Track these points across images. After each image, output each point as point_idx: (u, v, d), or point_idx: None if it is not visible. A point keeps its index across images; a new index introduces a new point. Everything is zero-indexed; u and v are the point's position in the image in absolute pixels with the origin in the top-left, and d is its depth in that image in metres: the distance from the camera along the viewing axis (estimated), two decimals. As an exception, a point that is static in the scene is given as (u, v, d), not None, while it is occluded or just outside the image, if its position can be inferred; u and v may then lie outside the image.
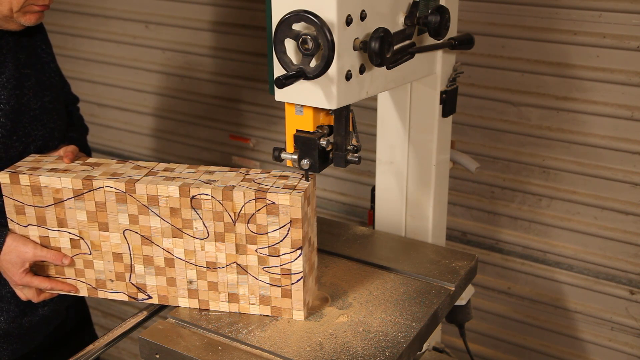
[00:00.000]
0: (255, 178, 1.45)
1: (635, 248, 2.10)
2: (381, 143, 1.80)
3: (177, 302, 1.52)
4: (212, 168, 1.51)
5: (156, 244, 1.47)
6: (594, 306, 2.22)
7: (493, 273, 2.36)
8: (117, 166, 1.53)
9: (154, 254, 1.49)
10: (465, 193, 2.33)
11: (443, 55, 1.64)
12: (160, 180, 1.45)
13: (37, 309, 1.77)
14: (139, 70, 2.94)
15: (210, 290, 1.49)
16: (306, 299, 1.44)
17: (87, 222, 1.49)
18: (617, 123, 2.01)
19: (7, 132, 1.61)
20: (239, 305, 1.48)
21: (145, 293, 1.54)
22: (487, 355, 2.47)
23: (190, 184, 1.42)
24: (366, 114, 2.27)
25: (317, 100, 1.29)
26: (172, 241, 1.46)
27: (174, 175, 1.47)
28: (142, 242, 1.48)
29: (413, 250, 1.73)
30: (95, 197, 1.46)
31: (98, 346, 1.47)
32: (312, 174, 1.43)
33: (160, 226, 1.46)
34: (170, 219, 1.44)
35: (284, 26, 1.23)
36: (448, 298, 1.55)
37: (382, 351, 1.34)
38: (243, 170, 1.49)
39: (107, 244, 1.50)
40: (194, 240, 1.45)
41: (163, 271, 1.50)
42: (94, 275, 1.55)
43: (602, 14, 1.94)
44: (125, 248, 1.50)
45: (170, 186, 1.42)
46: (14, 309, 1.72)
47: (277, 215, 1.37)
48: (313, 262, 1.49)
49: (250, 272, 1.45)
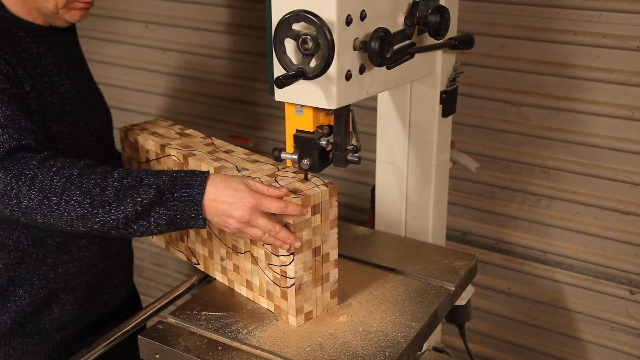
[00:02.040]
0: (280, 175, 1.46)
1: (635, 248, 2.10)
2: (381, 143, 1.80)
3: (214, 274, 1.62)
4: (260, 158, 1.57)
5: None
6: (594, 306, 2.22)
7: (493, 273, 2.36)
8: (196, 140, 1.68)
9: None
10: (465, 193, 2.33)
11: (443, 55, 1.64)
12: (208, 158, 1.54)
13: (101, 295, 1.75)
14: (139, 70, 2.94)
15: (234, 272, 1.55)
16: (303, 306, 1.42)
17: None
18: (617, 123, 2.01)
19: (74, 119, 1.62)
20: (253, 293, 1.51)
21: (196, 258, 1.66)
22: (487, 355, 2.47)
23: (224, 167, 1.49)
24: (366, 114, 2.27)
25: (317, 100, 1.29)
26: None
27: (225, 157, 1.56)
28: None
29: (413, 250, 1.73)
30: (167, 162, 1.62)
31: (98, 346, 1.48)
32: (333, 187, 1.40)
33: None
34: None
35: (284, 26, 1.23)
36: (448, 298, 1.55)
37: (382, 351, 1.34)
38: (281, 165, 1.52)
39: None
40: None
41: (206, 242, 1.60)
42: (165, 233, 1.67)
43: (602, 14, 1.94)
44: None
45: (209, 165, 1.50)
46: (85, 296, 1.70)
47: (277, 216, 1.37)
48: (325, 274, 1.44)
49: (260, 264, 1.46)
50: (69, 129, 1.60)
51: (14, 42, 1.53)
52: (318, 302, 1.45)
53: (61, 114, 1.58)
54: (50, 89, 1.57)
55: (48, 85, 1.57)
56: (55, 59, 1.62)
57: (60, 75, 1.62)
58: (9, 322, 1.60)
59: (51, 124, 1.55)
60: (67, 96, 1.62)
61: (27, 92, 1.50)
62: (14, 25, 1.56)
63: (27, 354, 1.64)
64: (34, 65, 1.55)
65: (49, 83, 1.58)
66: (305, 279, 1.40)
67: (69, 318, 1.68)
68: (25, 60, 1.53)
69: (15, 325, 1.61)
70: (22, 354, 1.63)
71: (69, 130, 1.60)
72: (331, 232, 1.43)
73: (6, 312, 1.60)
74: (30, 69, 1.53)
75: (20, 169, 1.33)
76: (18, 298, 1.59)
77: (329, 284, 1.46)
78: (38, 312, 1.62)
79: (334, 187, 1.40)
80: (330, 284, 1.46)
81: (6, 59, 1.47)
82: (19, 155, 1.36)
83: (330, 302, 1.48)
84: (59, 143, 1.56)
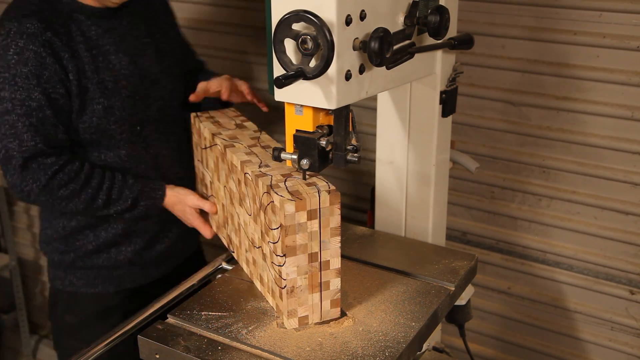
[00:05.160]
0: (292, 176, 1.45)
1: (635, 248, 2.10)
2: (381, 143, 1.80)
3: (242, 264, 1.66)
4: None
5: (235, 206, 1.63)
6: (594, 306, 2.22)
7: (493, 273, 2.36)
8: (247, 132, 1.74)
9: (234, 214, 1.65)
10: (465, 193, 2.33)
11: (443, 55, 1.64)
12: (241, 151, 1.59)
13: (155, 245, 2.02)
14: (139, 70, 2.94)
15: (253, 265, 1.56)
16: (296, 310, 1.40)
17: (213, 169, 1.74)
18: (617, 123, 2.01)
19: (129, 93, 1.85)
20: (264, 289, 1.52)
21: (232, 246, 1.72)
22: (487, 355, 2.47)
23: (250, 162, 1.51)
24: (366, 114, 2.27)
25: (316, 100, 1.29)
26: (239, 209, 1.59)
27: (259, 152, 1.59)
28: (230, 201, 1.66)
29: (413, 250, 1.73)
30: (215, 151, 1.69)
31: (98, 346, 1.48)
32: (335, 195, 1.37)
33: (236, 192, 1.60)
34: (238, 188, 1.57)
35: (284, 26, 1.23)
36: (448, 298, 1.55)
37: (382, 351, 1.34)
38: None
39: (219, 194, 1.74)
40: (246, 214, 1.55)
41: (238, 233, 1.65)
42: (216, 217, 1.80)
43: (602, 14, 1.94)
44: (225, 201, 1.70)
45: (238, 159, 1.55)
46: (140, 242, 1.98)
47: (275, 216, 1.37)
48: (324, 282, 1.41)
49: (266, 261, 1.46)
50: (121, 103, 1.83)
51: (73, 26, 1.77)
52: (315, 309, 1.42)
53: (114, 90, 1.81)
54: (105, 67, 1.80)
55: (103, 65, 1.80)
56: (114, 38, 1.83)
57: (117, 53, 1.83)
58: (72, 256, 1.96)
59: (102, 99, 1.79)
60: (124, 72, 1.84)
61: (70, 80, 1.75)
62: (76, 10, 1.79)
63: (87, 285, 1.99)
64: (89, 46, 1.79)
65: (104, 62, 1.80)
66: (299, 282, 1.38)
67: (124, 259, 1.98)
68: (80, 42, 1.77)
69: (78, 260, 1.96)
70: (83, 284, 1.99)
71: (120, 103, 1.82)
72: (332, 240, 1.39)
73: (73, 249, 1.96)
74: (85, 50, 1.77)
75: (37, 174, 1.73)
76: (84, 238, 1.94)
77: (330, 292, 1.43)
78: (98, 251, 1.95)
79: (337, 194, 1.37)
80: (331, 292, 1.43)
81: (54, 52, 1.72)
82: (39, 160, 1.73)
83: (331, 312, 1.44)
84: (110, 115, 1.81)
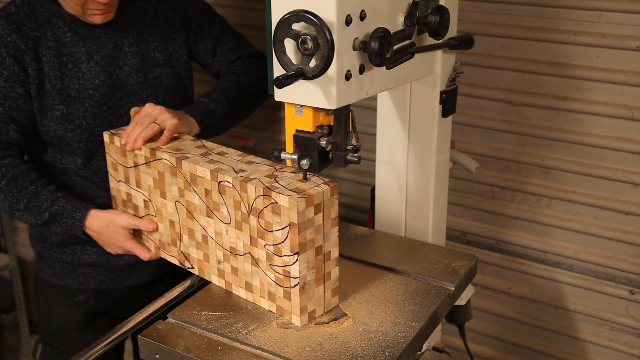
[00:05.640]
0: (279, 175, 1.45)
1: (635, 248, 2.10)
2: (381, 143, 1.80)
3: (210, 277, 1.61)
4: (255, 159, 1.56)
5: (196, 219, 1.58)
6: (594, 306, 2.22)
7: (493, 273, 2.36)
8: (187, 143, 1.68)
9: (195, 228, 1.59)
10: (465, 193, 2.33)
11: (443, 55, 1.64)
12: (202, 161, 1.53)
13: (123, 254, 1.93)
14: (139, 71, 2.94)
15: (233, 274, 1.54)
16: (306, 306, 1.42)
17: (153, 187, 1.66)
18: (617, 123, 2.01)
19: (95, 103, 1.84)
20: (253, 295, 1.51)
21: (190, 262, 1.66)
22: (487, 355, 2.47)
23: (221, 170, 1.48)
24: (366, 114, 2.27)
25: (316, 100, 1.29)
26: (206, 220, 1.55)
27: (219, 159, 1.55)
28: (187, 215, 1.60)
29: (413, 250, 1.73)
30: (158, 166, 1.62)
31: (98, 346, 1.48)
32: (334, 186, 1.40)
33: (198, 204, 1.54)
34: (205, 199, 1.52)
35: (284, 26, 1.23)
36: (448, 298, 1.55)
37: (382, 351, 1.34)
38: (278, 166, 1.51)
39: (166, 211, 1.66)
40: (221, 223, 1.51)
41: (201, 246, 1.60)
42: (158, 237, 1.72)
43: (602, 14, 1.94)
44: (177, 217, 1.63)
45: (205, 168, 1.49)
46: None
47: (280, 216, 1.37)
48: (327, 273, 1.44)
49: (260, 266, 1.46)
50: (83, 112, 1.83)
51: (48, 31, 1.80)
52: (320, 301, 1.45)
53: (77, 98, 1.82)
54: (72, 75, 1.82)
55: (71, 72, 1.82)
56: (89, 46, 1.84)
57: (89, 62, 1.84)
58: (42, 246, 2.01)
59: (61, 106, 1.81)
60: (93, 81, 1.84)
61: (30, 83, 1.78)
62: (56, 15, 1.82)
63: (54, 275, 2.04)
64: (61, 52, 1.81)
65: (73, 69, 1.82)
66: (308, 278, 1.40)
67: (89, 259, 1.98)
68: (51, 48, 1.80)
69: (46, 251, 2.01)
70: (51, 274, 2.05)
71: (82, 112, 1.83)
72: (332, 230, 1.42)
73: (42, 240, 2.00)
74: (53, 56, 1.80)
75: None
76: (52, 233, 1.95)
77: (331, 282, 1.46)
78: (63, 245, 1.98)
79: (335, 185, 1.40)
80: (332, 282, 1.47)
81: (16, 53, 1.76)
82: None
83: (332, 301, 1.48)
84: (68, 123, 1.82)
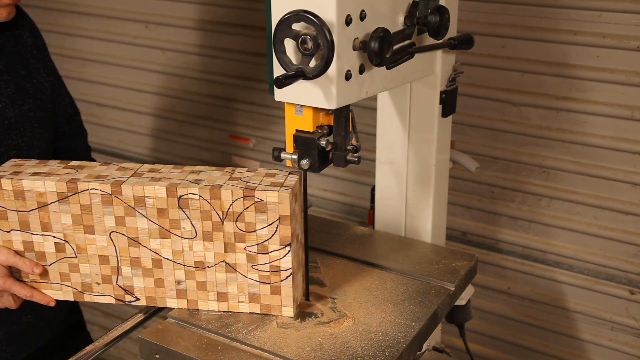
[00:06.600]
0: (242, 177, 1.44)
1: (635, 248, 2.10)
2: (381, 143, 1.80)
3: (165, 302, 1.51)
4: (197, 168, 1.50)
5: (143, 245, 1.46)
6: (594, 306, 2.22)
7: (493, 273, 2.36)
8: (102, 168, 1.50)
9: (141, 255, 1.47)
10: (465, 193, 2.33)
11: (443, 55, 1.64)
12: (146, 181, 1.43)
13: (20, 317, 1.74)
14: (139, 70, 2.94)
15: (199, 289, 1.48)
16: (295, 295, 1.45)
17: (72, 225, 1.46)
18: (617, 123, 2.01)
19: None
20: (228, 303, 1.48)
21: (133, 295, 1.52)
22: (487, 355, 2.47)
23: (177, 184, 1.41)
24: (366, 114, 2.27)
25: (316, 100, 1.29)
26: (160, 242, 1.45)
27: (160, 176, 1.46)
28: (129, 243, 1.47)
29: (413, 250, 1.73)
30: (81, 199, 1.44)
31: (98, 346, 1.47)
32: (297, 171, 1.43)
33: (147, 227, 1.44)
34: (157, 220, 1.43)
35: (284, 26, 1.23)
36: (448, 298, 1.55)
37: (382, 351, 1.34)
38: (229, 169, 1.48)
39: (93, 247, 1.48)
40: (182, 240, 1.44)
41: (150, 272, 1.49)
42: (80, 279, 1.52)
43: (602, 14, 1.94)
44: (112, 250, 1.48)
45: (157, 186, 1.40)
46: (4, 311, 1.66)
47: (266, 213, 1.37)
48: (301, 259, 1.48)
49: (239, 270, 1.45)
50: None
51: None
52: (299, 289, 1.49)
53: None
54: None
55: None
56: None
57: None
58: None
59: None
60: None
61: None
62: None
63: None
64: None
65: None
66: (295, 267, 1.43)
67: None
68: None
69: None
70: None
71: None
72: (301, 213, 1.45)
73: None
74: None
75: None
76: None
77: (303, 268, 1.50)
78: None
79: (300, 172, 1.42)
80: (303, 268, 1.50)
81: None
82: None
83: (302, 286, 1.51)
84: None
